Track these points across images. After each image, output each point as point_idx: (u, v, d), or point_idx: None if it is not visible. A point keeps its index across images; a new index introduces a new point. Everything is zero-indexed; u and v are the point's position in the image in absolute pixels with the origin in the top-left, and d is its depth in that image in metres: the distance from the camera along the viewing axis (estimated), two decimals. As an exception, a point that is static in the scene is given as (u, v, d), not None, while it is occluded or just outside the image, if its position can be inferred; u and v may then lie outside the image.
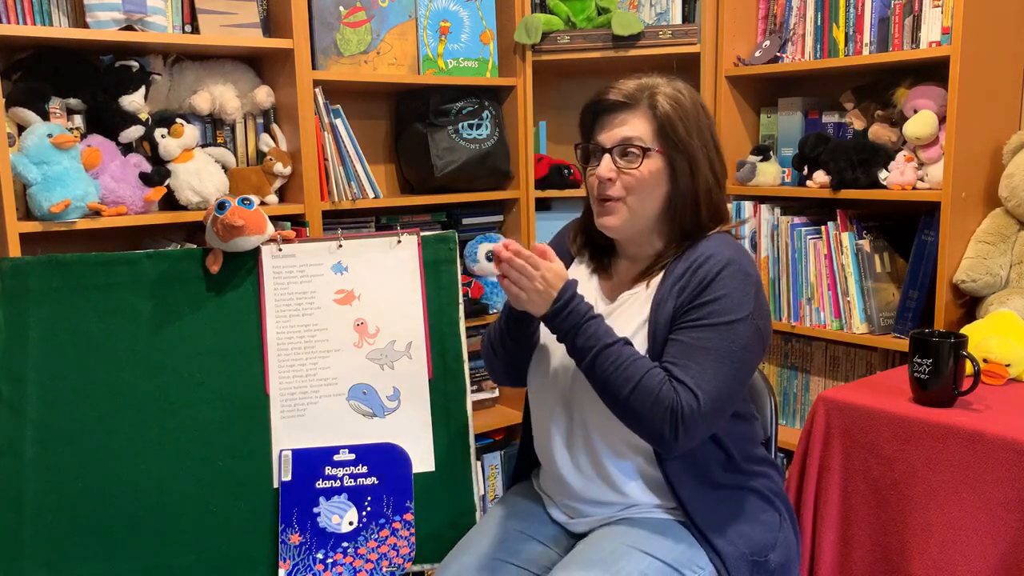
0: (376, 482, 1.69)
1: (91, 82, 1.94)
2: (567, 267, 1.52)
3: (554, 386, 1.48)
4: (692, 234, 1.43)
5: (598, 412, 1.40)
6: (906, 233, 2.18)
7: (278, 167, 2.13)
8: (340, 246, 1.77)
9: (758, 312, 1.37)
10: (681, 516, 1.43)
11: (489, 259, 2.52)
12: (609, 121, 1.41)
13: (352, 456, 1.70)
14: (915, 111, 2.07)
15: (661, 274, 1.43)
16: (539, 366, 1.50)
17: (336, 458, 1.69)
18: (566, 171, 2.58)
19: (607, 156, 1.40)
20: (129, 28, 1.89)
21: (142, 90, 1.98)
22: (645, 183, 1.39)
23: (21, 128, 1.83)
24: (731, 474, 1.44)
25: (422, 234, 1.80)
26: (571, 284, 1.35)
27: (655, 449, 1.37)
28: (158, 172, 1.96)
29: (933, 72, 2.09)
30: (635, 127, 1.39)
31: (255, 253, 1.74)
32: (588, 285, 1.50)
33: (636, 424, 1.33)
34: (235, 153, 2.16)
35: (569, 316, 1.33)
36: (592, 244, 1.53)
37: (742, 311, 1.35)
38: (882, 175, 2.13)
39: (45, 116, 1.86)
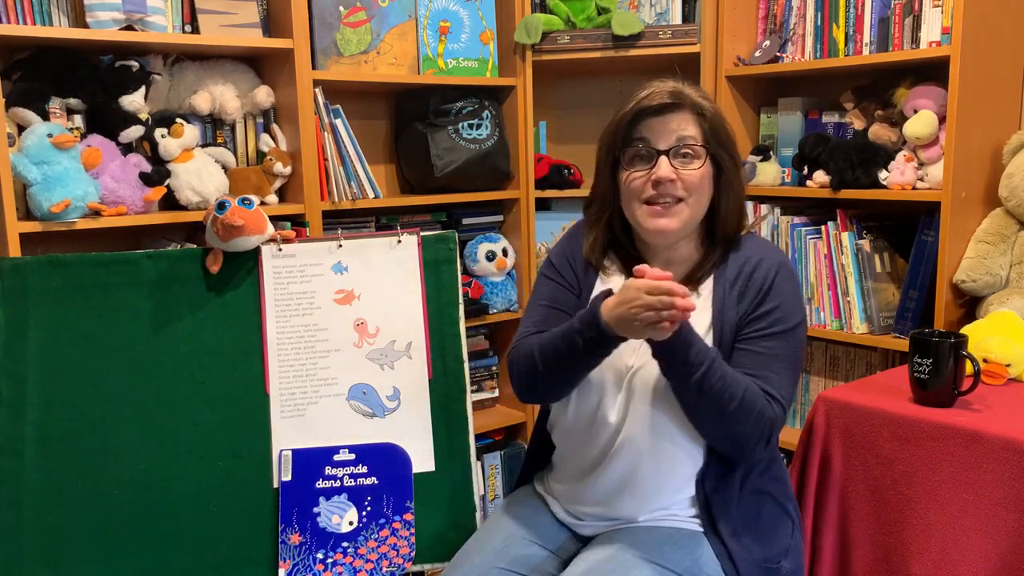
0: (376, 482, 1.69)
1: (91, 82, 1.94)
2: (591, 271, 1.51)
3: (606, 398, 1.42)
4: (729, 237, 1.44)
5: (654, 426, 1.38)
6: (906, 233, 2.18)
7: (278, 167, 2.13)
8: (340, 246, 1.77)
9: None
10: (696, 524, 1.42)
11: (489, 259, 2.52)
12: (658, 123, 1.39)
13: (352, 456, 1.69)
14: (915, 111, 2.07)
15: (711, 279, 1.43)
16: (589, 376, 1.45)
17: (336, 458, 1.69)
18: (566, 171, 2.58)
19: (664, 157, 1.38)
20: (129, 28, 1.89)
21: (142, 90, 1.98)
22: (703, 183, 1.40)
23: (21, 128, 1.83)
24: (757, 479, 1.44)
25: (422, 234, 1.80)
26: None
27: (732, 456, 1.38)
28: (158, 172, 1.96)
29: (933, 72, 2.09)
30: (687, 128, 1.39)
31: (255, 253, 1.74)
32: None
33: (733, 437, 1.33)
34: (235, 153, 2.16)
35: (683, 332, 1.28)
36: (623, 254, 1.49)
37: (799, 315, 1.40)
38: (882, 175, 2.13)
39: (45, 116, 1.86)
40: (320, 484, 1.67)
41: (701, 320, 1.40)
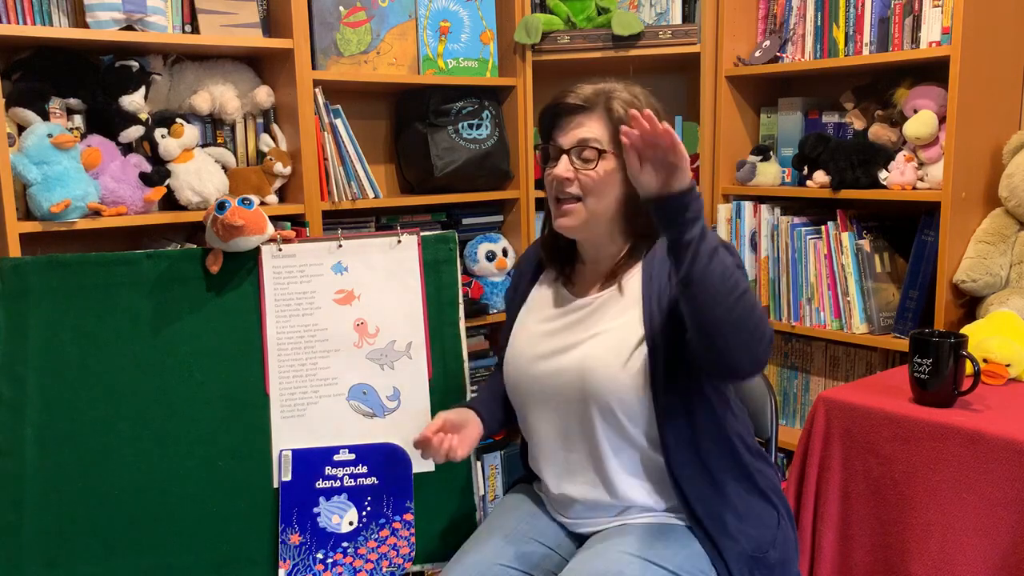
0: (376, 482, 1.69)
1: (91, 82, 1.94)
2: (535, 278, 1.58)
3: (531, 410, 1.48)
4: (653, 234, 1.44)
5: (599, 409, 1.40)
6: (906, 233, 2.18)
7: (278, 167, 2.13)
8: (340, 246, 1.77)
9: None
10: (683, 519, 1.43)
11: (489, 259, 2.52)
12: (567, 123, 1.44)
13: (352, 456, 1.70)
14: (915, 111, 2.07)
15: (639, 273, 1.43)
16: (525, 375, 1.49)
17: (336, 458, 1.69)
18: (566, 171, 2.57)
19: (564, 156, 1.43)
20: (129, 28, 1.89)
21: (142, 90, 1.98)
22: (601, 183, 1.41)
23: (21, 128, 1.83)
24: (732, 469, 1.44)
25: (422, 234, 1.80)
26: None
27: (734, 376, 1.32)
28: (158, 172, 1.96)
29: (933, 72, 2.09)
30: (592, 129, 1.42)
31: (255, 253, 1.74)
32: (553, 288, 1.53)
33: (746, 332, 1.24)
34: (235, 153, 2.15)
35: (699, 197, 1.25)
36: (556, 250, 1.54)
37: (735, 256, 1.35)
38: (882, 175, 2.13)
39: (45, 116, 1.86)
40: (320, 484, 1.67)
41: (630, 316, 1.41)
